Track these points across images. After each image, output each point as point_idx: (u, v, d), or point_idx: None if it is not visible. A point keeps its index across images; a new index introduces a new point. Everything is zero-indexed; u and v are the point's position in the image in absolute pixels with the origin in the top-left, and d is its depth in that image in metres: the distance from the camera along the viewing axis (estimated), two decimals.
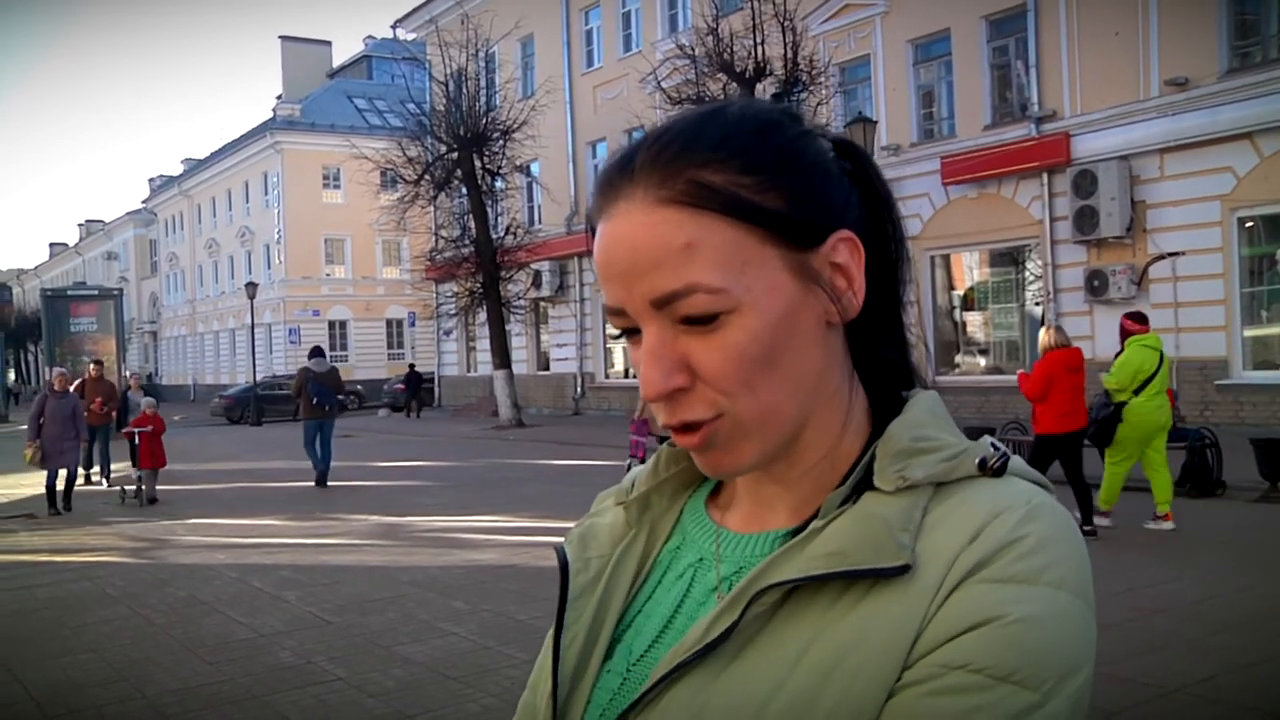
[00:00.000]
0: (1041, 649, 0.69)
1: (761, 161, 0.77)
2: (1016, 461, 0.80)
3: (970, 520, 0.74)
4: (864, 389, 0.86)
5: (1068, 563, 0.73)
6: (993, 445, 0.79)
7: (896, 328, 0.87)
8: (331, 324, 47.98)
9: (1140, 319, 9.24)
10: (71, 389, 14.25)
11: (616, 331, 0.82)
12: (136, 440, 13.90)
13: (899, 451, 0.79)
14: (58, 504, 13.28)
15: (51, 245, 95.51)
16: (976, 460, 0.77)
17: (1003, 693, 0.68)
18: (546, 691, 0.87)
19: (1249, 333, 15.94)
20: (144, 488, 13.85)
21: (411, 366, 38.64)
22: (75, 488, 13.96)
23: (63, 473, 13.46)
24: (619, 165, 0.80)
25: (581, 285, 29.44)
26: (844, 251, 0.79)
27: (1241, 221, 15.84)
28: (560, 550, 0.94)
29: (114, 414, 16.69)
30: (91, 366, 16.84)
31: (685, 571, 0.88)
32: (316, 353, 16.35)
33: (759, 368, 0.76)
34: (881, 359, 0.86)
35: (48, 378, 14.72)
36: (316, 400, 15.26)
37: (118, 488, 14.62)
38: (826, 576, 0.74)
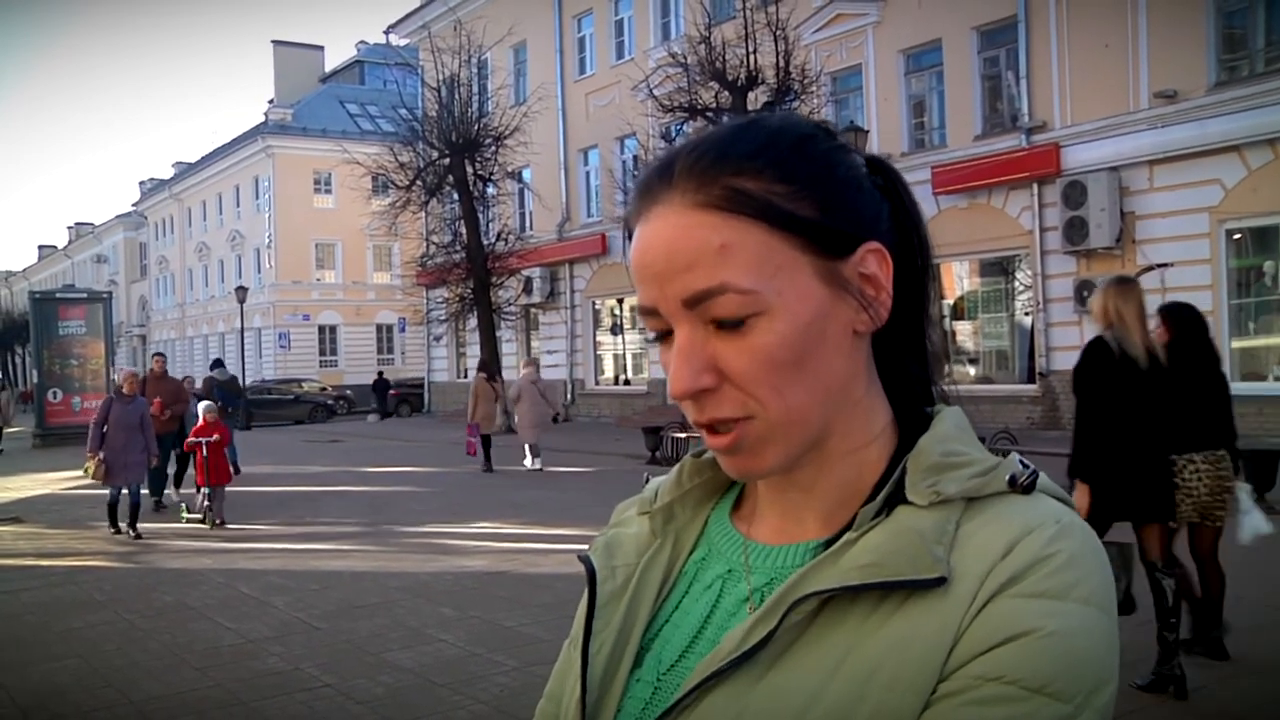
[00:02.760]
0: (1073, 663, 0.71)
1: (796, 171, 0.80)
2: (1044, 479, 0.81)
3: (1003, 536, 0.75)
4: (888, 401, 0.87)
5: (1095, 579, 0.75)
6: (1021, 462, 0.80)
7: (920, 341, 0.89)
8: (321, 329, 47.86)
9: None
10: (125, 388, 11.97)
11: (647, 327, 0.83)
12: (205, 452, 11.88)
13: (930, 466, 0.80)
14: (121, 525, 11.43)
15: (40, 248, 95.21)
16: (1007, 477, 0.79)
17: (1037, 704, 0.70)
18: (575, 698, 0.88)
19: (1237, 344, 16.01)
20: (213, 507, 11.97)
21: (380, 373, 39.06)
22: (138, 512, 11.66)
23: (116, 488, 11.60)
24: (658, 171, 0.82)
25: (572, 292, 29.43)
26: (873, 262, 0.81)
27: (1230, 234, 15.93)
28: (586, 559, 0.95)
29: (182, 420, 13.93)
30: (154, 360, 14.30)
31: (714, 583, 0.89)
32: (218, 364, 18.76)
33: (787, 371, 0.78)
34: (906, 371, 0.88)
35: (116, 378, 12.34)
36: (221, 403, 16.48)
37: (181, 504, 12.79)
38: (864, 587, 0.75)
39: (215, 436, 12.00)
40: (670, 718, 0.80)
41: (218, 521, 11.91)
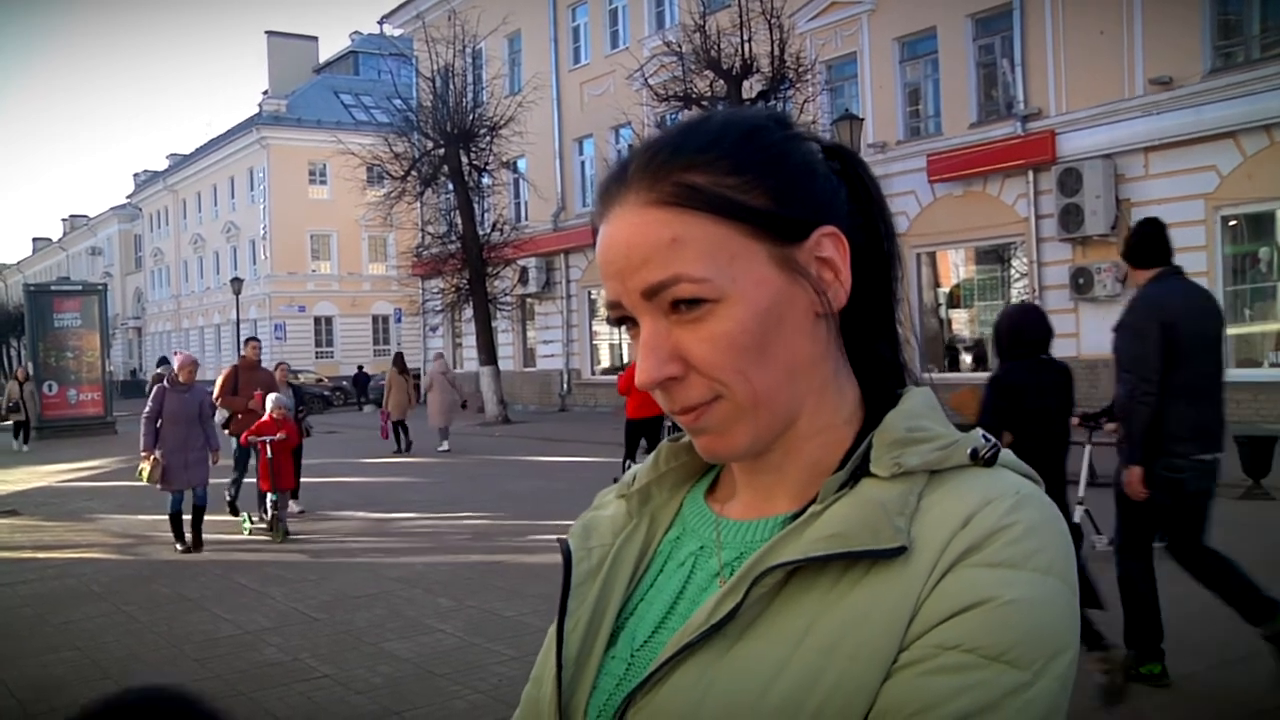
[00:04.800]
0: (1031, 630, 0.73)
1: (747, 162, 0.82)
2: (1006, 454, 0.83)
3: (962, 506, 0.77)
4: (857, 381, 0.89)
5: (1053, 549, 0.76)
6: (984, 437, 0.82)
7: (888, 323, 0.91)
8: (317, 320, 47.83)
9: None
10: (221, 375, 10.67)
11: (613, 322, 0.86)
12: (270, 453, 10.40)
13: (895, 440, 0.82)
14: (185, 536, 9.93)
15: (35, 240, 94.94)
16: (969, 450, 0.81)
17: (995, 671, 0.71)
18: (551, 676, 0.90)
19: (1232, 331, 16.00)
20: (279, 515, 10.37)
21: (360, 367, 39.44)
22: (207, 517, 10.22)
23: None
24: (615, 174, 0.85)
25: (568, 282, 29.40)
26: (829, 245, 0.83)
27: (1225, 220, 15.92)
28: (564, 542, 0.98)
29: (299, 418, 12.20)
30: (248, 346, 12.25)
31: (686, 560, 0.91)
32: (164, 361, 20.72)
33: (750, 355, 0.80)
34: (874, 353, 0.90)
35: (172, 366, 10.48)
36: None
37: (243, 515, 11.14)
38: (826, 558, 0.77)
39: (282, 435, 10.56)
40: (643, 692, 0.81)
41: (285, 533, 10.33)
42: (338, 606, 7.45)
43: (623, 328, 0.86)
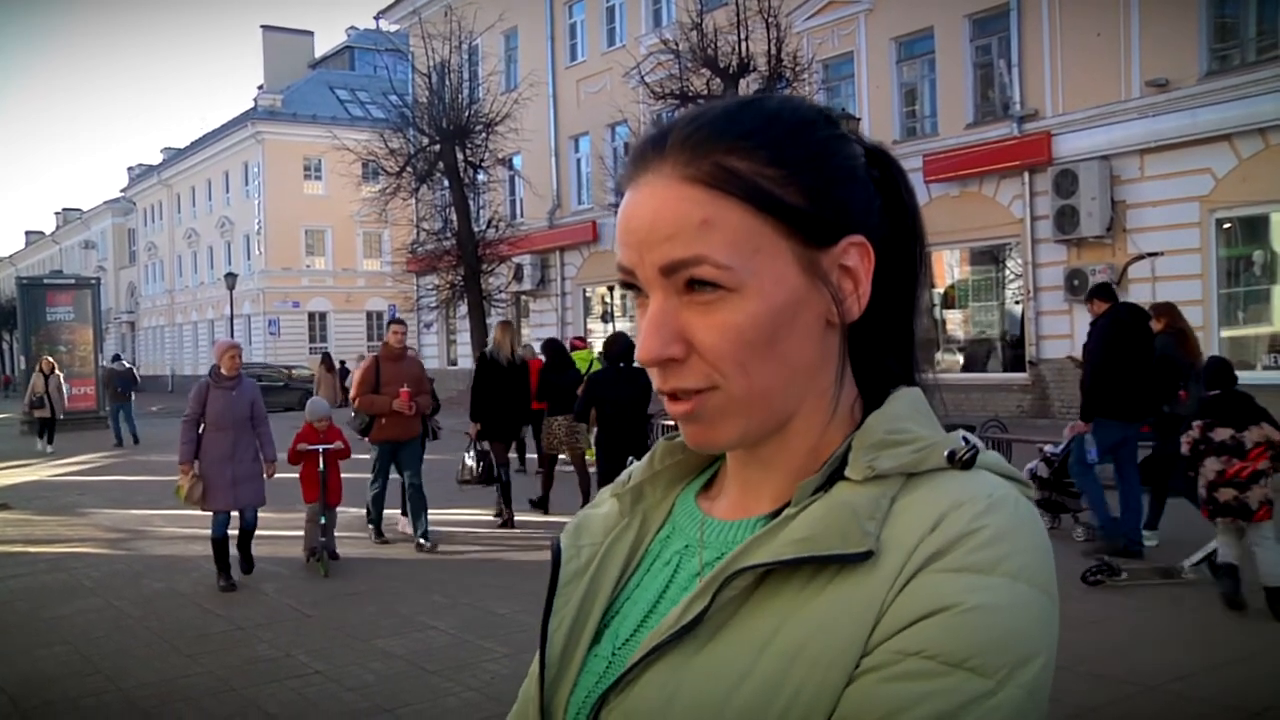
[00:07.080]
0: (995, 637, 0.71)
1: (789, 156, 0.80)
2: (988, 455, 0.81)
3: (932, 510, 0.76)
4: (860, 391, 0.87)
5: (1027, 555, 0.75)
6: (964, 439, 0.81)
7: (906, 335, 0.89)
8: (311, 315, 47.74)
9: (580, 340, 15.58)
10: (358, 368, 9.42)
11: (622, 285, 0.85)
12: (322, 466, 8.81)
13: (873, 443, 0.81)
14: (230, 566, 8.16)
15: (28, 234, 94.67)
16: (945, 452, 0.79)
17: (956, 680, 0.69)
18: (535, 674, 0.90)
19: (1226, 333, 16.05)
20: (324, 543, 8.73)
21: (342, 362, 39.32)
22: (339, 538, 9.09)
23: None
24: (653, 139, 0.83)
25: (563, 279, 29.40)
26: (854, 256, 0.82)
27: (1220, 223, 15.95)
28: (555, 540, 0.97)
29: (424, 420, 10.23)
30: (390, 331, 9.96)
31: (672, 558, 0.90)
32: (117, 358, 23.84)
33: (754, 351, 0.79)
34: (883, 365, 0.88)
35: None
36: (120, 389, 22.16)
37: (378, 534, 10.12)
38: (794, 561, 0.76)
39: (338, 444, 8.96)
40: (616, 691, 0.81)
41: (331, 555, 8.81)
42: (330, 603, 7.43)
43: (628, 289, 0.85)
